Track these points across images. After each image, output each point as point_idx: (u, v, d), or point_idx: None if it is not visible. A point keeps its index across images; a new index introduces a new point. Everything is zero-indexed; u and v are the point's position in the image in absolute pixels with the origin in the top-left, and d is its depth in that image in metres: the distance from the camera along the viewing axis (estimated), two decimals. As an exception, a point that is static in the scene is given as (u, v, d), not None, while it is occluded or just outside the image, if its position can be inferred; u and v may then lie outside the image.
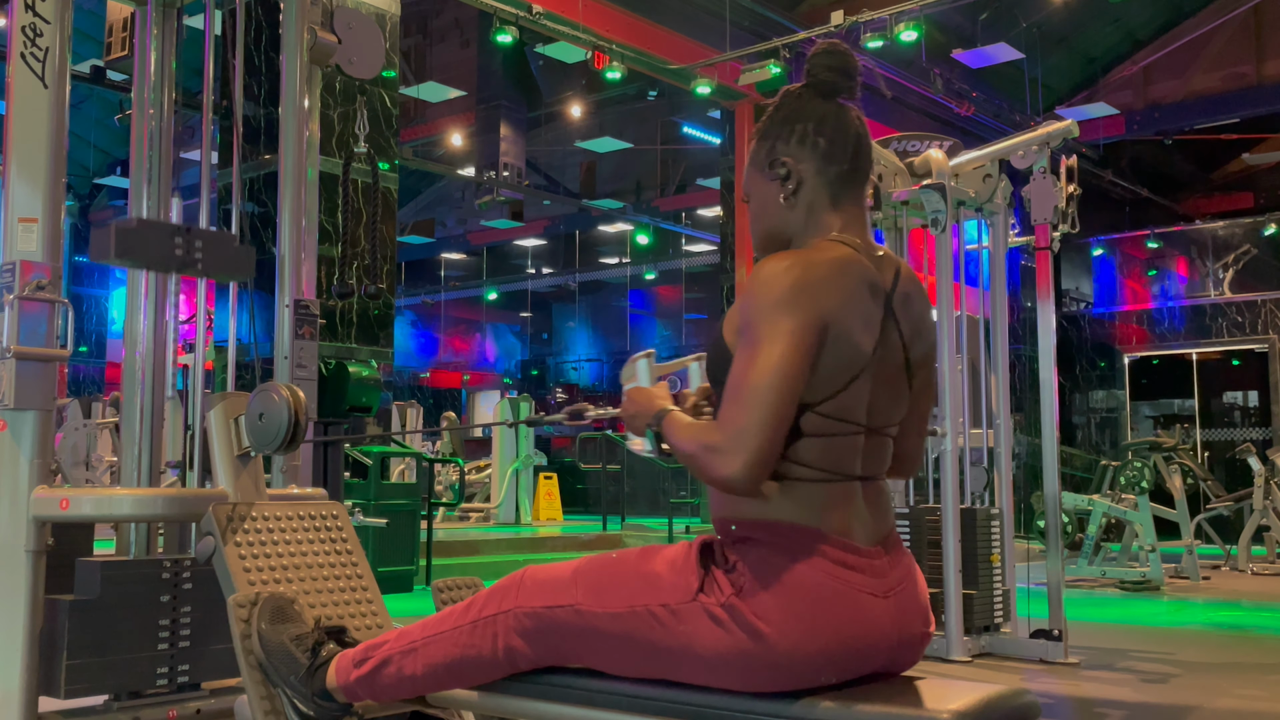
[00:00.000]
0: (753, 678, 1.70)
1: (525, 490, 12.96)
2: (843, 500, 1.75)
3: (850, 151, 1.84)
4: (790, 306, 1.66)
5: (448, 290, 24.50)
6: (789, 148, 1.84)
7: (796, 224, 1.85)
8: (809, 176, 1.83)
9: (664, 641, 1.76)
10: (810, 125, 1.83)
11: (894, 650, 1.75)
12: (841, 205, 1.84)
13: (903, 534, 5.39)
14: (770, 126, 1.88)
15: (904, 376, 1.81)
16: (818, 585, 1.69)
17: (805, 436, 1.72)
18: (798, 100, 1.87)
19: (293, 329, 3.16)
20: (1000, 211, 5.80)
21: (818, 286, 1.68)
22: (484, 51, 16.19)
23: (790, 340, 1.65)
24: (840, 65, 1.85)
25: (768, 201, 1.87)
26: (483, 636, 1.95)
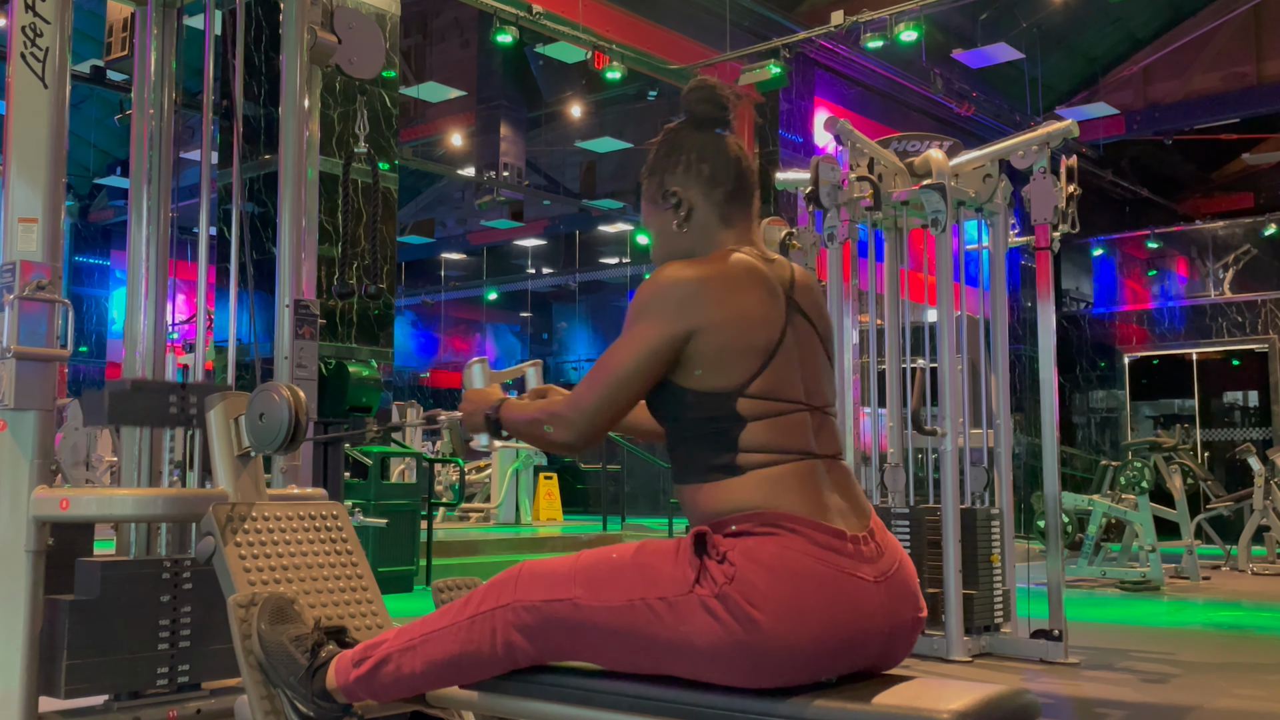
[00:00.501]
0: (749, 668, 1.72)
1: (525, 490, 12.96)
2: (808, 479, 1.82)
3: (733, 173, 2.01)
4: (656, 314, 1.85)
5: (448, 290, 24.49)
6: (676, 178, 2.01)
7: (693, 245, 2.00)
8: (698, 201, 2.00)
9: (662, 635, 1.78)
10: (693, 155, 2.01)
11: (888, 637, 1.78)
12: (732, 222, 2.01)
13: (903, 534, 5.40)
14: (657, 162, 2.05)
15: (823, 356, 1.97)
16: (807, 570, 1.73)
17: (749, 421, 1.82)
18: (678, 134, 2.05)
19: (293, 329, 3.16)
20: (1000, 211, 5.80)
21: (694, 298, 1.84)
22: (484, 51, 16.19)
23: (646, 343, 1.85)
24: (711, 98, 2.03)
25: (665, 229, 2.04)
26: (481, 632, 1.96)
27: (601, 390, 1.88)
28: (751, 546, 1.75)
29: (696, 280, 1.86)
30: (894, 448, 5.94)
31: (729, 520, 1.80)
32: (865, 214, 5.73)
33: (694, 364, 1.85)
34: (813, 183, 5.65)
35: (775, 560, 1.73)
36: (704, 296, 1.84)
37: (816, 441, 1.88)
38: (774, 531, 1.76)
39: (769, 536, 1.75)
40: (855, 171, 5.60)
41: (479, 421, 2.09)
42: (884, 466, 5.88)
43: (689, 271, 1.88)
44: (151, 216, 3.22)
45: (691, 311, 1.83)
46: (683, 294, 1.85)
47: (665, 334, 1.84)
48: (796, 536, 1.75)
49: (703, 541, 1.80)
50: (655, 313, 1.85)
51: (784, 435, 1.84)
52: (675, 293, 1.85)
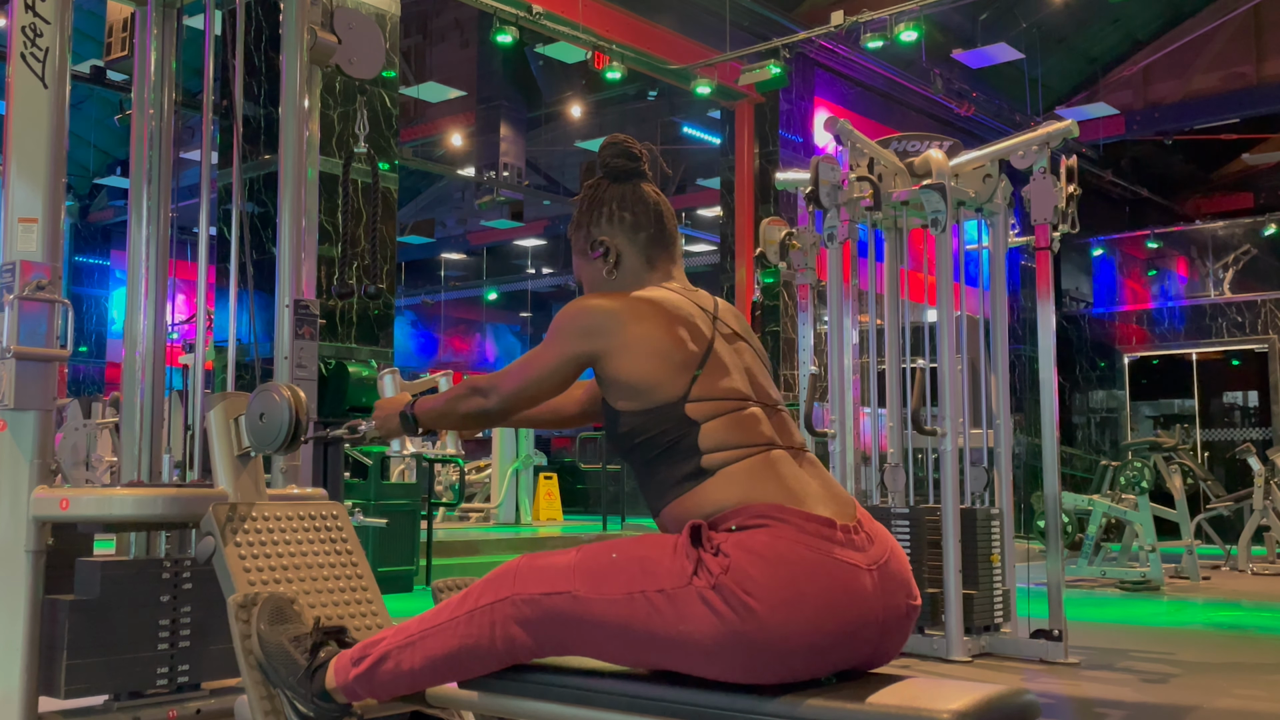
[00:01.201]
0: (748, 658, 1.73)
1: (525, 490, 12.96)
2: (778, 469, 1.88)
3: (652, 218, 2.16)
4: (564, 336, 2.04)
5: (448, 290, 24.49)
6: (601, 228, 2.17)
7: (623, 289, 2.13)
8: (624, 247, 2.15)
9: (661, 628, 1.79)
10: (614, 205, 2.17)
11: (884, 624, 1.79)
12: (655, 264, 2.16)
13: (902, 534, 5.40)
14: (582, 216, 2.21)
15: (761, 363, 2.11)
16: (799, 557, 1.76)
17: (701, 424, 1.92)
18: (598, 189, 2.20)
19: (293, 329, 3.16)
20: (1000, 211, 5.80)
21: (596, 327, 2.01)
22: (484, 51, 16.18)
23: (555, 358, 2.05)
24: (624, 153, 2.19)
25: (596, 277, 2.18)
26: (480, 626, 1.96)
27: (520, 381, 2.10)
28: (744, 538, 1.78)
29: (604, 311, 2.02)
30: (894, 448, 5.93)
31: (715, 521, 1.83)
32: (865, 214, 5.73)
33: (625, 385, 1.98)
34: (813, 183, 5.65)
35: (768, 549, 1.76)
36: (609, 325, 2.00)
37: (777, 434, 1.97)
38: (763, 523, 1.79)
39: (759, 528, 1.78)
40: (855, 171, 5.60)
41: (394, 424, 2.26)
42: (884, 466, 5.88)
43: (600, 303, 2.04)
44: (151, 216, 3.22)
45: (595, 338, 2.01)
46: (589, 323, 2.02)
47: (570, 353, 2.04)
48: (786, 526, 1.78)
49: (698, 534, 1.82)
50: (564, 336, 2.05)
51: (741, 430, 1.92)
52: (583, 321, 2.03)
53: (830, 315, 6.04)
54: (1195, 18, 16.23)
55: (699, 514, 1.85)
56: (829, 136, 5.83)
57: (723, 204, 13.70)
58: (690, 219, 20.01)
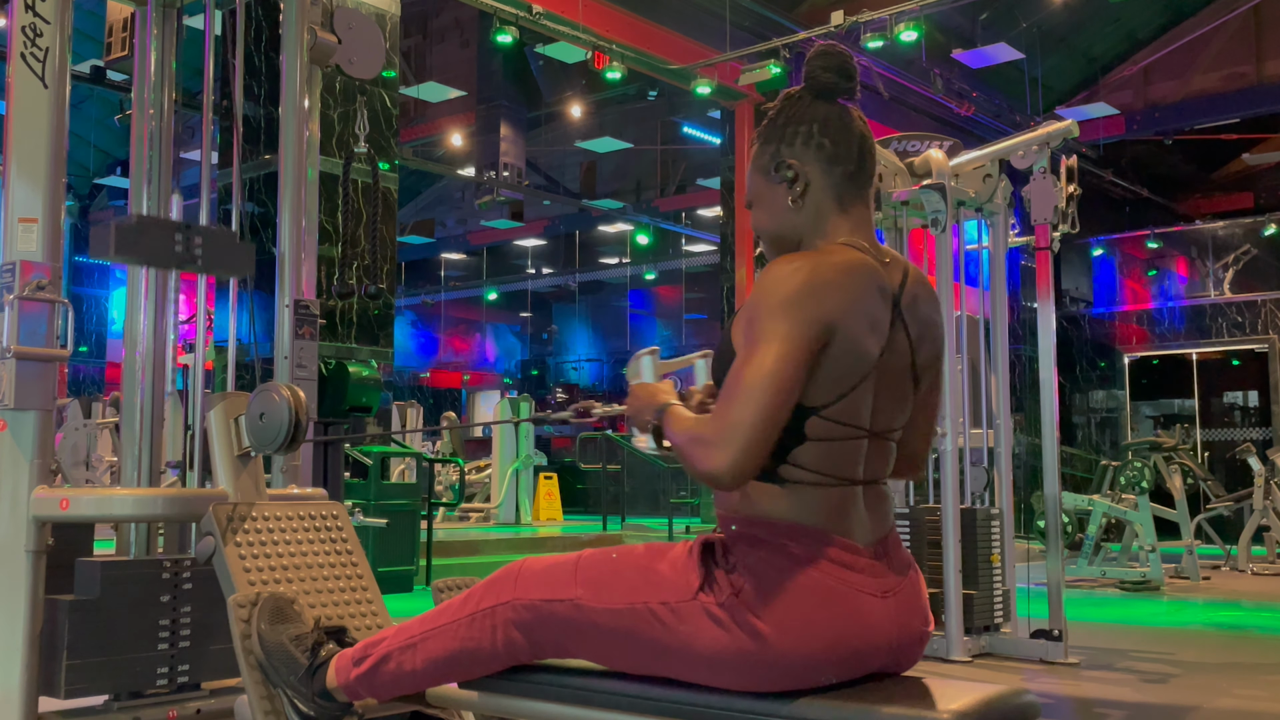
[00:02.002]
0: (752, 677, 1.71)
1: (525, 490, 12.96)
2: (844, 504, 1.76)
3: (855, 152, 1.83)
4: (792, 309, 1.66)
5: (448, 290, 24.49)
6: (794, 150, 1.83)
7: (805, 226, 1.84)
8: (815, 178, 1.82)
9: (664, 640, 1.76)
10: (814, 127, 1.82)
11: (894, 650, 1.76)
12: (849, 207, 1.83)
13: (903, 534, 5.39)
14: (772, 130, 1.86)
15: (909, 380, 1.82)
16: (817, 585, 1.70)
17: (809, 440, 1.72)
18: (799, 103, 1.85)
19: (293, 329, 3.16)
20: (1000, 211, 5.80)
21: (823, 291, 1.68)
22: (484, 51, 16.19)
23: (789, 343, 1.65)
24: (838, 66, 1.84)
25: (775, 205, 1.86)
26: (481, 629, 1.95)
27: (750, 403, 1.64)
28: (763, 558, 1.72)
29: (834, 268, 1.70)
30: (894, 448, 5.93)
31: (752, 522, 1.76)
32: (865, 214, 5.72)
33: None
34: (813, 183, 5.64)
35: (784, 574, 1.70)
36: (840, 291, 1.69)
37: (865, 468, 1.78)
38: (788, 544, 1.72)
39: (781, 549, 1.72)
40: (855, 171, 5.59)
41: (645, 421, 1.90)
42: (884, 466, 5.88)
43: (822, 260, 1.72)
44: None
45: (830, 304, 1.67)
46: (818, 280, 1.68)
47: (805, 331, 1.66)
48: (808, 550, 1.72)
49: (710, 548, 1.78)
50: (788, 309, 1.66)
51: (836, 462, 1.74)
52: (809, 283, 1.68)
53: (830, 315, 6.03)
54: (1195, 18, 16.23)
55: (745, 508, 1.76)
56: (829, 136, 5.81)
57: (723, 204, 13.70)
58: (690, 219, 20.01)
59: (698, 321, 22.55)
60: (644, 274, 22.53)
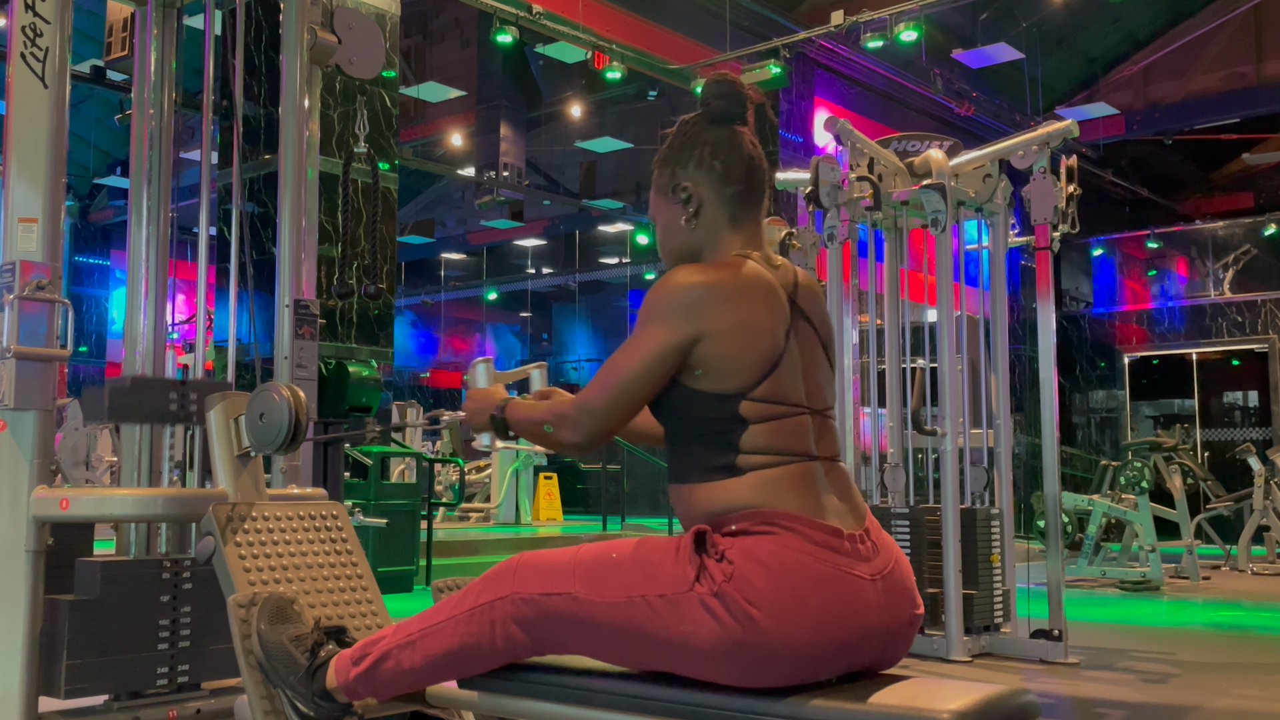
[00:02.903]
0: (748, 666, 1.72)
1: (525, 490, 12.96)
2: (807, 481, 1.83)
3: (744, 172, 1.99)
4: (667, 317, 1.86)
5: (448, 290, 24.49)
6: (688, 172, 1.99)
7: (700, 243, 1.99)
8: (708, 198, 1.98)
9: (661, 633, 1.78)
10: (706, 150, 1.99)
11: (886, 634, 1.79)
12: (741, 223, 1.99)
13: (902, 534, 5.40)
14: (670, 154, 2.03)
15: (825, 360, 1.98)
16: (804, 567, 1.74)
17: (751, 424, 1.83)
18: (694, 128, 2.02)
19: (293, 329, 3.16)
20: (1000, 211, 5.80)
21: (702, 304, 1.85)
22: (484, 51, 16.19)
23: (654, 346, 1.86)
24: (730, 93, 2.01)
25: (672, 224, 2.02)
26: (480, 624, 1.96)
27: (610, 392, 1.90)
28: (749, 545, 1.76)
29: (705, 286, 1.87)
30: (894, 448, 5.93)
31: (727, 519, 1.80)
32: (865, 214, 5.73)
33: (700, 367, 1.86)
34: (813, 183, 5.65)
35: (772, 558, 1.74)
36: (712, 303, 1.85)
37: (817, 444, 1.89)
38: (771, 530, 1.77)
39: (766, 535, 1.76)
40: (855, 171, 5.60)
41: (484, 421, 2.10)
42: (884, 466, 5.88)
43: (699, 276, 1.88)
44: (151, 216, 3.22)
45: (699, 317, 1.84)
46: (691, 298, 1.86)
47: (673, 338, 1.85)
48: (793, 535, 1.76)
49: (702, 539, 1.81)
50: (664, 317, 1.87)
51: (785, 438, 1.84)
52: (684, 297, 1.86)
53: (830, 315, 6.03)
54: (1195, 18, 16.23)
55: (714, 509, 1.82)
56: (829, 136, 5.83)
57: (723, 204, 13.67)
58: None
59: (698, 321, 22.47)
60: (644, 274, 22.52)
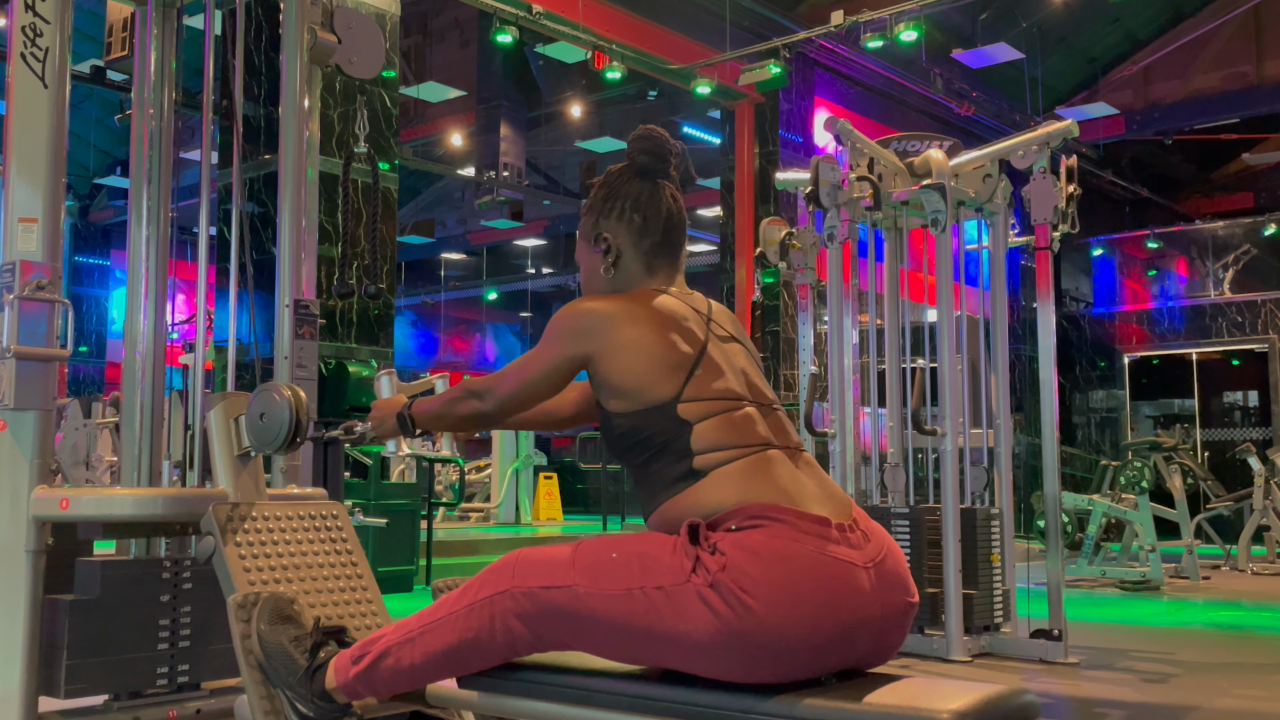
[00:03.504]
0: (745, 657, 1.73)
1: (525, 490, 12.96)
2: (774, 468, 1.88)
3: (662, 226, 2.12)
4: (558, 338, 2.04)
5: (448, 290, 24.49)
6: (609, 224, 2.13)
7: (617, 289, 2.13)
8: (626, 249, 2.12)
9: (659, 625, 1.79)
10: (628, 203, 2.12)
11: (881, 622, 1.80)
12: (655, 271, 2.13)
13: (902, 534, 5.40)
14: (594, 203, 2.16)
15: (751, 360, 2.09)
16: (796, 555, 1.75)
17: (695, 424, 1.91)
18: (618, 180, 2.15)
19: (293, 329, 3.16)
20: (1000, 211, 5.80)
21: (590, 329, 2.01)
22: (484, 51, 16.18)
23: (549, 360, 2.06)
24: (654, 150, 2.13)
25: (593, 270, 2.17)
26: (480, 620, 1.96)
27: (516, 383, 2.11)
28: (740, 538, 1.77)
29: (598, 314, 2.02)
30: (894, 448, 5.93)
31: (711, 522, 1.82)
32: (865, 214, 5.73)
33: (610, 388, 1.98)
34: (813, 183, 5.65)
35: (765, 548, 1.75)
36: (602, 327, 2.00)
37: (774, 435, 1.95)
38: (758, 523, 1.78)
39: (755, 528, 1.78)
40: (855, 171, 5.60)
41: (391, 425, 2.28)
42: (884, 466, 5.88)
43: (595, 305, 2.04)
44: (151, 216, 3.22)
45: (587, 340, 2.00)
46: (583, 325, 2.02)
47: (564, 355, 2.04)
48: (782, 525, 1.78)
49: (696, 533, 1.82)
50: (558, 337, 2.05)
51: (735, 430, 1.91)
52: (577, 323, 2.03)
53: (830, 315, 6.04)
54: (1195, 18, 16.23)
55: (693, 515, 1.85)
56: (829, 136, 5.83)
57: (723, 204, 13.71)
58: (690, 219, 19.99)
59: (698, 321, 22.49)
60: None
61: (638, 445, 1.96)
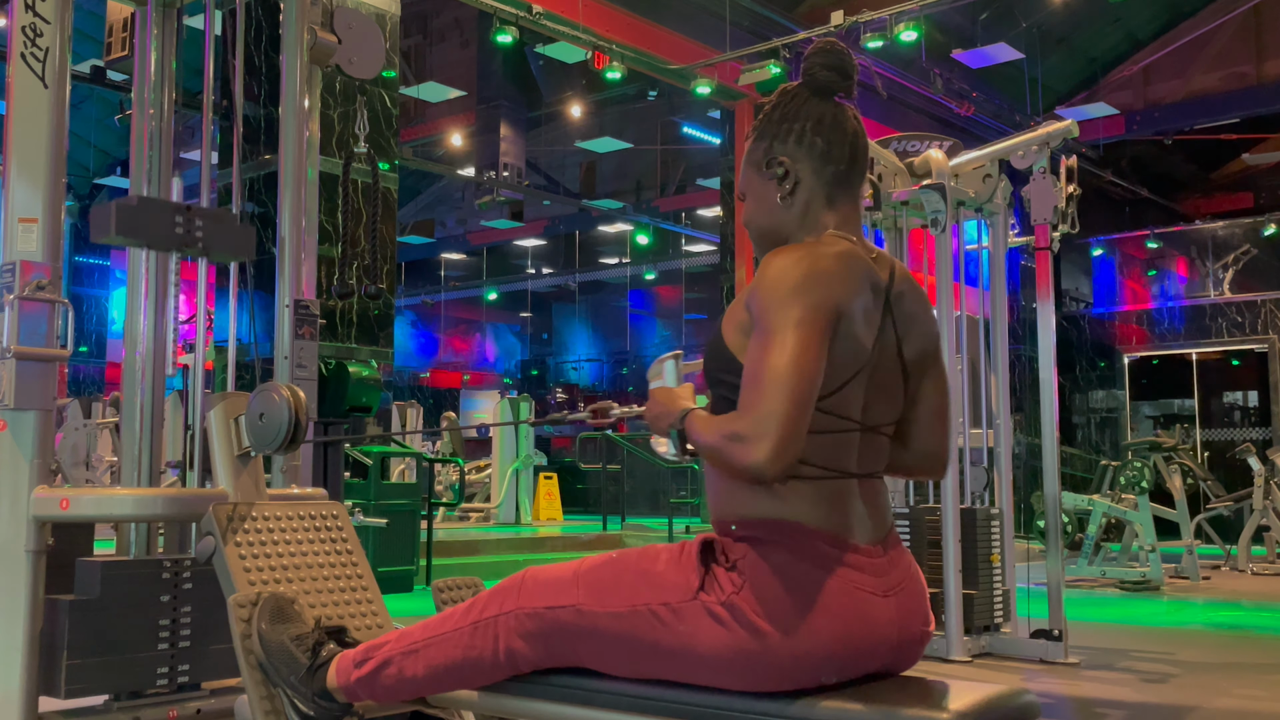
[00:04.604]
0: (753, 677, 1.70)
1: (525, 490, 12.96)
2: (841, 498, 1.76)
3: (847, 151, 1.85)
4: (804, 294, 1.67)
5: (448, 290, 24.50)
6: (786, 147, 1.85)
7: (793, 222, 1.86)
8: (806, 176, 1.85)
9: (665, 641, 1.76)
10: (808, 125, 1.84)
11: (895, 649, 1.76)
12: (837, 204, 1.85)
13: (903, 534, 5.39)
14: (767, 126, 1.88)
15: (898, 374, 1.83)
16: (818, 583, 1.69)
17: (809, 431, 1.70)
18: (794, 100, 1.87)
19: (293, 329, 3.16)
20: (1000, 211, 5.80)
21: (829, 276, 1.70)
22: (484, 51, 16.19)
23: (806, 328, 1.65)
24: (837, 64, 1.85)
25: (765, 200, 1.88)
26: (484, 638, 1.95)
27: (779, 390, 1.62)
28: (763, 555, 1.72)
29: (833, 258, 1.72)
30: (894, 448, 5.92)
31: (748, 523, 1.75)
32: (865, 214, 5.73)
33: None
34: (813, 183, 5.64)
35: (787, 572, 1.70)
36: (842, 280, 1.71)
37: (859, 460, 1.78)
38: (788, 542, 1.72)
39: (780, 545, 1.72)
40: (855, 171, 5.59)
41: (663, 427, 1.88)
42: (884, 466, 5.87)
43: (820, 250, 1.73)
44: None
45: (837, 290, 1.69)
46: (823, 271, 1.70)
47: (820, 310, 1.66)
48: (808, 548, 1.71)
49: (709, 548, 1.78)
50: (799, 293, 1.66)
51: (829, 454, 1.74)
52: (814, 267, 1.70)
53: (830, 315, 6.03)
54: (1195, 18, 16.23)
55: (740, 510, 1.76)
56: (829, 136, 5.81)
57: (723, 204, 13.71)
58: (690, 219, 20.01)
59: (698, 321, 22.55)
60: (644, 274, 22.54)
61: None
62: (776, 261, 1.72)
